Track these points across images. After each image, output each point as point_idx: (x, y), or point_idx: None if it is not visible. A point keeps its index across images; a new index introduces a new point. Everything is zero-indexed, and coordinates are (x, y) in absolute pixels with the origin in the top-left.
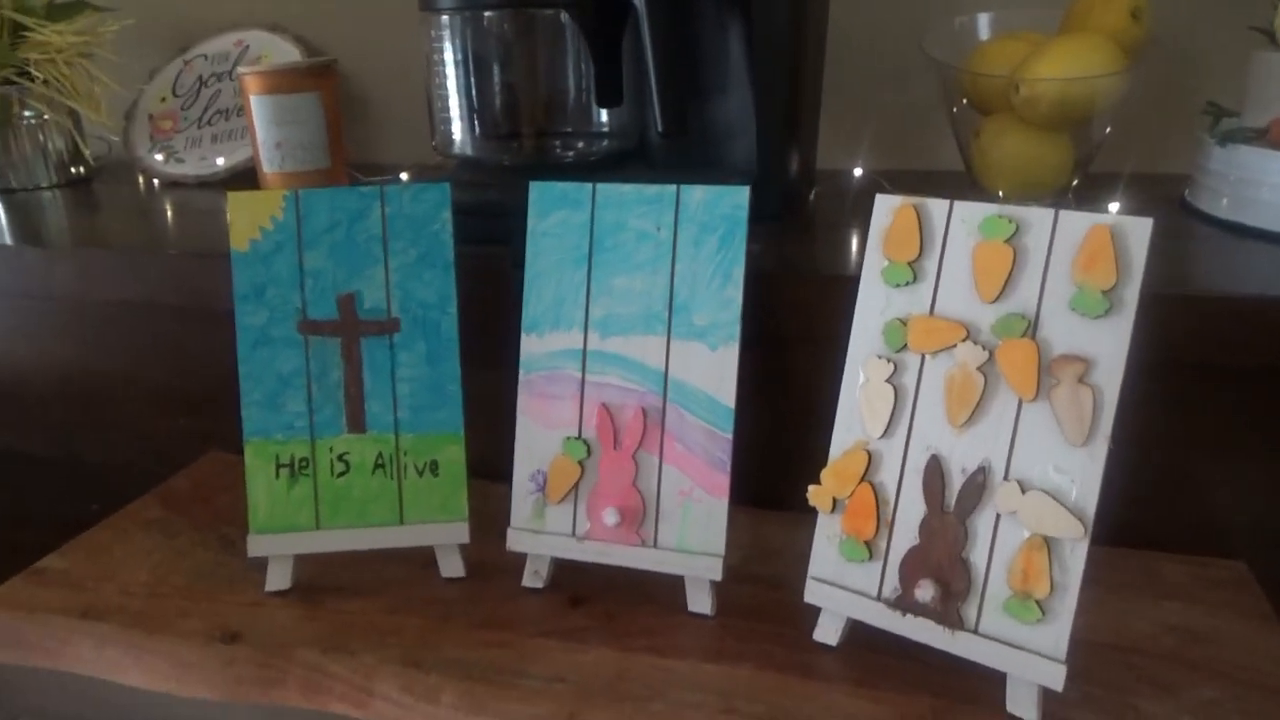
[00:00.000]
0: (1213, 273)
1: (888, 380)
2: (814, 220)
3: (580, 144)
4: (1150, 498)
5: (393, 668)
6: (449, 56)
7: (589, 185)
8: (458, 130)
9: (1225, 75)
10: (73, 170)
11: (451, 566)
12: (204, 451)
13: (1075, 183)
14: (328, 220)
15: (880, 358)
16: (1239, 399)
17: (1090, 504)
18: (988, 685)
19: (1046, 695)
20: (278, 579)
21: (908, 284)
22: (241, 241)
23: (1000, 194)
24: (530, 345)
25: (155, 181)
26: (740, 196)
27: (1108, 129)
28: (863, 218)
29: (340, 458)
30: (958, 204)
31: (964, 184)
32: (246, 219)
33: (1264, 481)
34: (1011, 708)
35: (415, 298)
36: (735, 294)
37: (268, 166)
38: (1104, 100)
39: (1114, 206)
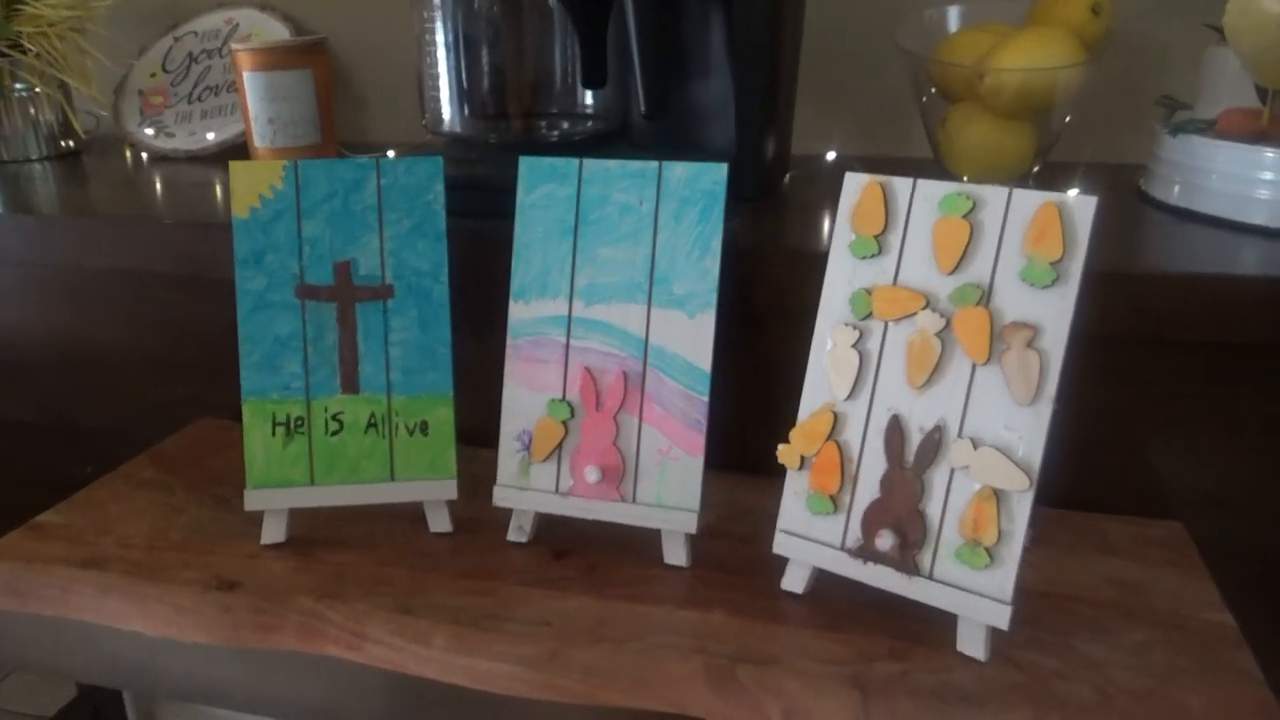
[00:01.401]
0: (1161, 254)
1: (853, 346)
2: (788, 202)
3: (565, 124)
4: (1097, 464)
5: (385, 613)
6: (440, 38)
7: (575, 160)
8: (447, 109)
9: (1179, 69)
10: (62, 143)
11: (439, 521)
12: (194, 417)
13: (1036, 170)
14: (326, 190)
15: (847, 325)
16: (1180, 371)
17: (1035, 459)
18: (940, 628)
19: (994, 635)
20: (273, 532)
21: (873, 256)
22: (242, 209)
23: (965, 179)
24: (518, 312)
25: (144, 155)
26: (719, 173)
27: (1067, 119)
28: (834, 200)
29: (334, 417)
30: (920, 182)
31: (932, 170)
32: (248, 187)
33: (1201, 448)
34: (962, 647)
35: (409, 265)
36: (713, 265)
37: (260, 141)
38: (1064, 91)
39: (1072, 192)
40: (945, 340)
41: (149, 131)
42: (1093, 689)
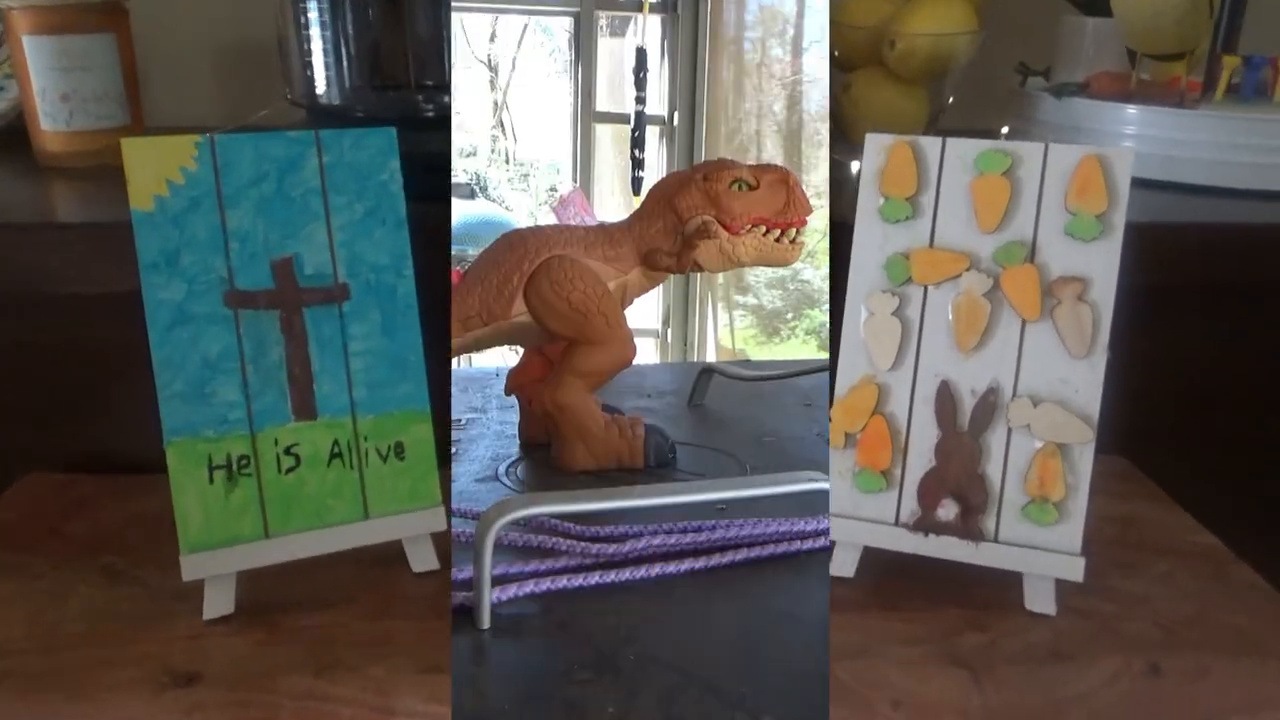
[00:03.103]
0: None
1: (893, 314)
2: None
3: (446, 97)
4: None
5: (409, 676)
6: (314, 1)
7: None
8: (322, 80)
9: (1028, 37)
10: None
11: (423, 559)
12: (16, 475)
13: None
14: (253, 171)
15: (884, 292)
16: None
17: (1094, 409)
18: (1000, 589)
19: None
20: (219, 603)
21: (906, 219)
22: (144, 199)
23: None
24: None
25: None
26: None
27: (956, 85)
28: None
29: (288, 450)
30: (950, 140)
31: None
32: (149, 171)
33: (1126, 386)
34: (1030, 605)
35: (365, 259)
36: None
37: (49, 123)
38: (963, 56)
39: None
40: (992, 300)
41: None
42: (1153, 625)
